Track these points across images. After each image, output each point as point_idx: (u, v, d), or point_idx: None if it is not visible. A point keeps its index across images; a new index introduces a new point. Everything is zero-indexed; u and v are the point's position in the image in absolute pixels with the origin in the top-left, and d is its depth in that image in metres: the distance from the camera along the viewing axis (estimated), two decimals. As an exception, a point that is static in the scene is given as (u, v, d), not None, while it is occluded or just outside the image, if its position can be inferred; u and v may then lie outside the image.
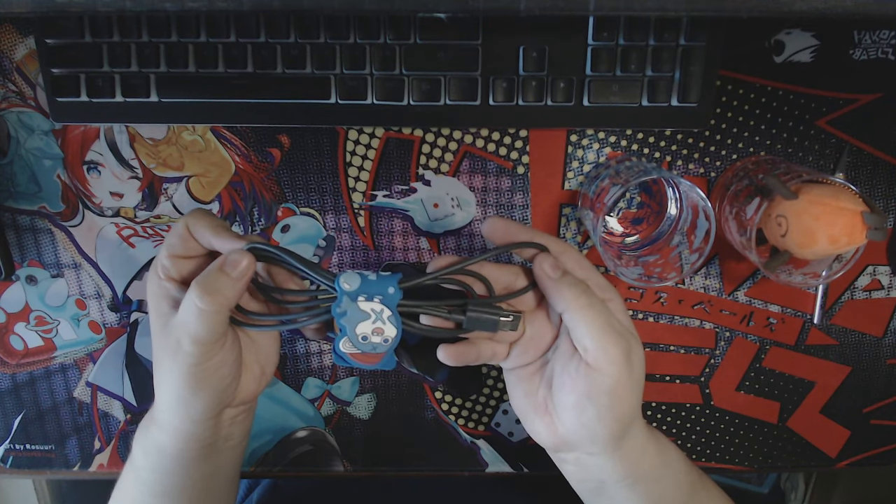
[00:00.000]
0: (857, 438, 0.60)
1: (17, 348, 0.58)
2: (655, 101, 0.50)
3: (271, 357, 0.44)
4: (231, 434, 0.43)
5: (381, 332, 0.37)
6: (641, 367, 0.39)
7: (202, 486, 0.44)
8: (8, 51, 0.51)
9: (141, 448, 0.43)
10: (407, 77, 0.49)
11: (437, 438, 0.60)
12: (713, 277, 0.56)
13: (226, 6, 0.40)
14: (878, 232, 0.43)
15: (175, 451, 0.41)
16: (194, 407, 0.39)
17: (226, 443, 0.43)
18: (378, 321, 0.37)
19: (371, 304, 0.37)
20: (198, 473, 0.43)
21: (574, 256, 0.40)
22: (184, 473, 0.42)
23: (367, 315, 0.37)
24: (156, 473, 0.42)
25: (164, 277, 0.39)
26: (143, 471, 0.43)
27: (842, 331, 0.57)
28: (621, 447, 0.39)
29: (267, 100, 0.50)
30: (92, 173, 0.54)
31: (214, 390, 0.39)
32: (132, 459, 0.44)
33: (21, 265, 0.56)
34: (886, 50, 0.51)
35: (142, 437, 0.43)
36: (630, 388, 0.38)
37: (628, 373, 0.37)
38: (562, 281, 0.38)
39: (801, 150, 0.53)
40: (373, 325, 0.37)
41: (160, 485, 0.43)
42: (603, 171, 0.51)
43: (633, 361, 0.37)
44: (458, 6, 0.43)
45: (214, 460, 0.43)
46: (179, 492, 0.43)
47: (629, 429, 0.39)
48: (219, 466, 0.44)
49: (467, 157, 0.53)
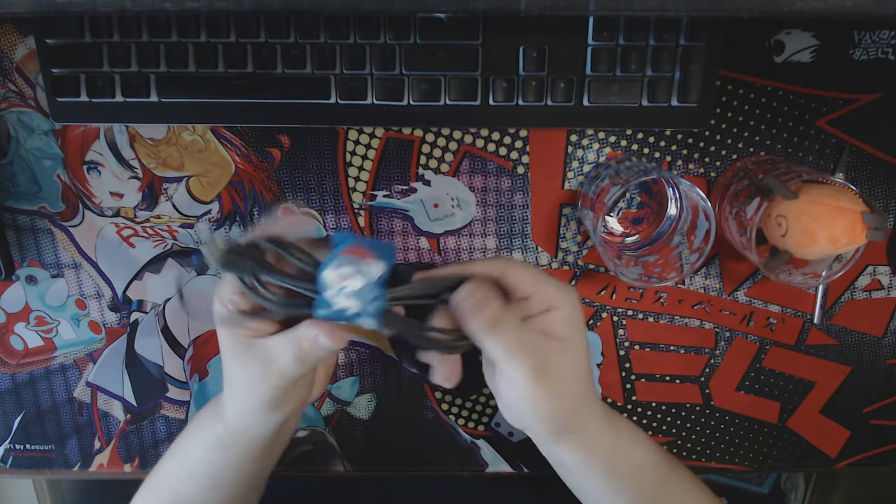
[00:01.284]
0: (857, 438, 0.60)
1: (17, 348, 0.58)
2: (655, 101, 0.50)
3: (334, 356, 0.46)
4: (290, 429, 0.46)
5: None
6: (569, 375, 0.40)
7: (251, 482, 0.47)
8: (8, 51, 0.51)
9: (201, 441, 0.45)
10: (407, 77, 0.49)
11: (437, 438, 0.60)
12: (713, 277, 0.56)
13: (226, 6, 0.40)
14: (878, 232, 0.43)
15: (239, 448, 0.43)
16: (271, 419, 0.42)
17: (284, 437, 0.46)
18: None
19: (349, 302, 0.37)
20: (251, 470, 0.45)
21: (514, 274, 0.41)
22: (240, 469, 0.45)
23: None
24: (213, 467, 0.44)
25: (234, 310, 0.39)
26: (199, 464, 0.45)
27: (842, 331, 0.57)
28: (564, 440, 0.42)
29: (267, 100, 0.50)
30: (92, 173, 0.54)
31: (294, 406, 0.42)
32: (185, 452, 0.46)
33: (21, 265, 0.56)
34: (886, 50, 0.51)
35: (203, 431, 0.45)
36: (546, 396, 0.39)
37: (540, 385, 0.39)
38: (467, 316, 0.39)
39: (801, 150, 0.53)
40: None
41: (213, 478, 0.45)
42: (603, 171, 0.51)
43: (548, 373, 0.39)
44: (458, 6, 0.43)
45: (268, 458, 0.46)
46: (229, 486, 0.45)
47: (568, 426, 0.41)
48: (269, 463, 0.47)
49: (467, 157, 0.53)
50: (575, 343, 0.40)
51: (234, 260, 0.36)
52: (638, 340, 0.58)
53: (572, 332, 0.40)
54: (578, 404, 0.41)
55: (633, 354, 0.58)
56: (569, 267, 0.56)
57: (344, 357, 0.58)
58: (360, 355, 0.58)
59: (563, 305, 0.40)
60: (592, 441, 0.43)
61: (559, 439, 0.42)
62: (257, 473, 0.46)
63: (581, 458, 0.43)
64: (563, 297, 0.40)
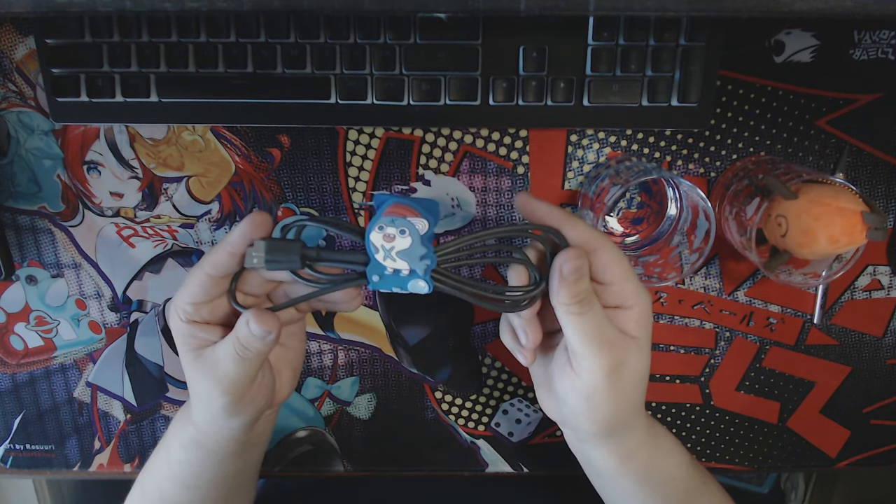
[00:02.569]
0: (857, 438, 0.60)
1: (17, 348, 0.58)
2: (655, 101, 0.50)
3: (300, 356, 0.46)
4: (264, 430, 0.46)
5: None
6: (636, 379, 0.39)
7: (233, 481, 0.46)
8: (8, 51, 0.51)
9: (178, 441, 0.45)
10: (407, 77, 0.49)
11: (437, 438, 0.60)
12: (713, 277, 0.56)
13: (226, 6, 0.40)
14: (878, 232, 0.43)
15: (212, 447, 0.43)
16: (234, 423, 0.42)
17: (258, 438, 0.46)
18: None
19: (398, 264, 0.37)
20: (231, 468, 0.45)
21: (606, 258, 0.38)
22: (218, 468, 0.45)
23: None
24: (192, 467, 0.44)
25: (185, 321, 0.39)
26: (178, 464, 0.45)
27: (842, 331, 0.57)
28: (605, 444, 0.41)
29: (267, 100, 0.50)
30: (92, 173, 0.54)
31: (255, 410, 0.41)
32: (167, 451, 0.46)
33: (21, 265, 0.56)
34: (886, 50, 0.51)
35: (179, 431, 0.44)
36: (610, 397, 0.38)
37: (609, 383, 0.37)
38: (563, 282, 0.37)
39: (801, 150, 0.53)
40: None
41: (193, 477, 0.45)
42: (603, 171, 0.51)
43: (621, 373, 0.38)
44: (458, 6, 0.43)
45: (247, 456, 0.46)
46: (211, 485, 0.45)
47: (614, 431, 0.40)
48: (249, 462, 0.47)
49: (467, 157, 0.53)
50: (646, 346, 0.39)
51: (278, 256, 0.36)
52: (638, 340, 0.58)
53: (643, 334, 0.39)
54: (632, 411, 0.40)
55: (633, 354, 0.58)
56: (569, 267, 0.56)
57: (344, 357, 0.58)
58: (360, 355, 0.58)
59: (638, 304, 0.39)
60: (631, 450, 0.42)
61: (600, 442, 0.41)
62: (236, 473, 0.46)
63: (615, 464, 0.42)
64: (640, 296, 0.39)
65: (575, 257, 0.37)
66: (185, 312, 0.38)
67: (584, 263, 0.37)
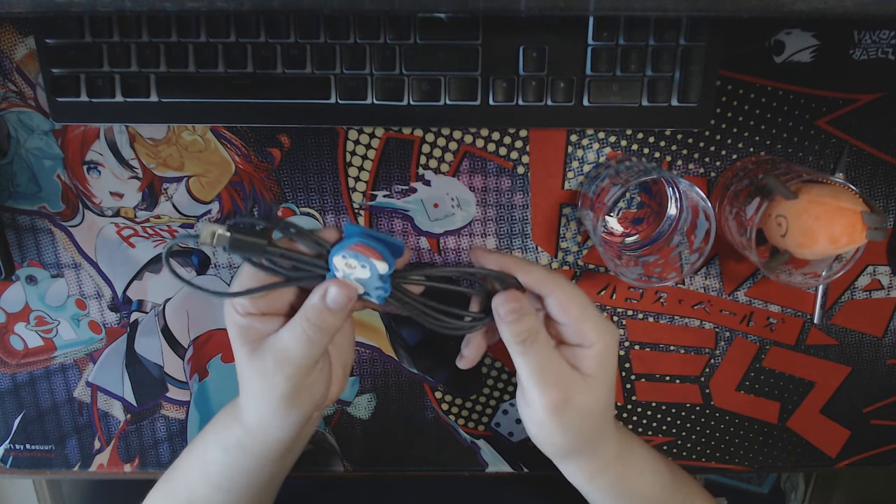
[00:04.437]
0: (857, 438, 0.60)
1: (17, 348, 0.58)
2: (655, 101, 0.50)
3: (350, 354, 0.46)
4: (306, 434, 0.46)
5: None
6: (583, 414, 0.40)
7: (267, 485, 0.46)
8: (8, 51, 0.51)
9: (220, 443, 0.44)
10: (407, 77, 0.49)
11: (437, 438, 0.60)
12: (713, 277, 0.56)
13: (226, 6, 0.40)
14: (878, 232, 0.43)
15: (258, 450, 0.43)
16: (289, 419, 0.41)
17: (300, 444, 0.46)
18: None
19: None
20: (267, 473, 0.45)
21: (563, 297, 0.40)
22: (255, 473, 0.44)
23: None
24: (229, 469, 0.44)
25: (243, 314, 0.39)
26: (215, 464, 0.44)
27: (842, 331, 0.57)
28: (567, 463, 0.43)
29: (267, 100, 0.50)
30: (92, 173, 0.54)
31: (311, 403, 0.41)
32: (203, 452, 0.45)
33: (21, 265, 0.56)
34: (886, 50, 0.51)
35: (222, 431, 0.44)
36: (558, 429, 0.40)
37: (553, 418, 0.39)
38: (501, 322, 0.39)
39: (801, 150, 0.53)
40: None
41: (228, 480, 0.44)
42: (603, 171, 0.51)
43: (564, 411, 0.39)
44: (458, 6, 0.43)
45: (284, 463, 0.46)
46: (244, 489, 0.45)
47: (570, 456, 0.43)
48: (284, 467, 0.47)
49: (467, 157, 0.53)
50: (600, 383, 0.40)
51: (242, 242, 0.37)
52: (638, 340, 0.58)
53: (600, 372, 0.40)
54: (589, 440, 0.42)
55: (633, 354, 0.58)
56: (569, 267, 0.56)
57: (344, 357, 0.58)
58: (360, 355, 0.58)
59: (598, 342, 0.40)
60: (595, 470, 0.43)
61: (562, 462, 0.43)
62: (271, 479, 0.46)
63: (582, 481, 0.44)
64: (602, 334, 0.40)
65: (508, 300, 0.39)
66: (243, 305, 0.39)
67: (520, 305, 0.39)
